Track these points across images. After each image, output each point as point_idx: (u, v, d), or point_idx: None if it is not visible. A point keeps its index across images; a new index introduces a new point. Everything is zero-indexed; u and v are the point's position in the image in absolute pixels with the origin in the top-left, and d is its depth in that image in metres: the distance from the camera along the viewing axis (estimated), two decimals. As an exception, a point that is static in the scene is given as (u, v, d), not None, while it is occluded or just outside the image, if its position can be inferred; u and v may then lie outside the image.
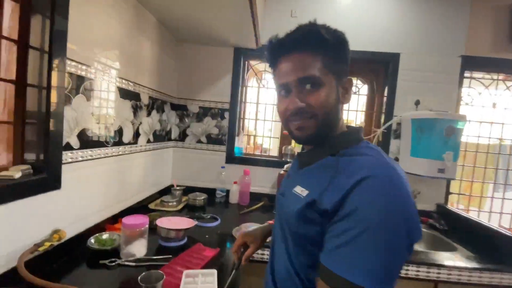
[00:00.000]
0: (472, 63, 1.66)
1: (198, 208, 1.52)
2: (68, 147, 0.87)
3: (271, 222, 0.82)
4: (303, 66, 0.53)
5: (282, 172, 1.63)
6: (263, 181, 1.78)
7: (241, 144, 1.85)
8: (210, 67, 1.77)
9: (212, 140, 1.81)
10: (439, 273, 1.07)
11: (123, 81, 1.16)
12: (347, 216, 0.43)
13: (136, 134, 1.30)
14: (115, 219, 1.13)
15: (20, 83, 0.77)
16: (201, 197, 1.55)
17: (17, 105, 0.77)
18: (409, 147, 1.52)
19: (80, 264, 0.85)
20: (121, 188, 1.20)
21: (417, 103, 1.68)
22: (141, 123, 1.34)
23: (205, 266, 0.89)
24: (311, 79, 0.52)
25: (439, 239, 1.42)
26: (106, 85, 1.04)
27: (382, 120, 1.75)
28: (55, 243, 0.78)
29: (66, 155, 0.86)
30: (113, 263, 0.85)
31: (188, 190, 1.65)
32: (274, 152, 2.00)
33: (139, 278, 0.69)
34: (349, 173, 0.47)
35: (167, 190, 1.67)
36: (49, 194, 0.80)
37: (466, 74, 1.71)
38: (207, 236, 1.14)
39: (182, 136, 1.82)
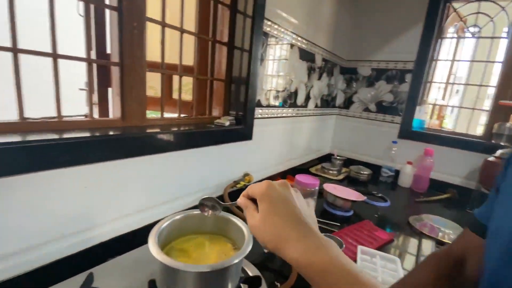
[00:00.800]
0: None
1: (360, 182, 1.39)
2: (258, 104, 0.97)
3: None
4: None
5: (492, 159, 1.14)
6: (451, 167, 1.35)
7: (423, 116, 1.46)
8: (394, 18, 1.45)
9: (383, 108, 1.55)
10: None
11: (303, 40, 1.14)
12: None
13: (307, 98, 1.30)
14: (283, 175, 1.23)
15: (230, 46, 0.91)
16: (365, 172, 1.40)
17: (227, 66, 0.93)
18: None
19: (260, 207, 0.98)
20: (291, 148, 1.27)
21: None
22: (312, 86, 1.32)
23: (379, 249, 0.77)
24: None
25: None
26: (288, 45, 1.06)
27: None
28: (246, 184, 0.93)
29: (257, 111, 0.97)
30: (286, 214, 0.91)
31: (347, 162, 1.54)
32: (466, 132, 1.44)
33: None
34: None
35: (326, 158, 1.64)
36: (244, 143, 0.94)
37: None
38: (376, 216, 1.00)
39: (347, 103, 1.68)
